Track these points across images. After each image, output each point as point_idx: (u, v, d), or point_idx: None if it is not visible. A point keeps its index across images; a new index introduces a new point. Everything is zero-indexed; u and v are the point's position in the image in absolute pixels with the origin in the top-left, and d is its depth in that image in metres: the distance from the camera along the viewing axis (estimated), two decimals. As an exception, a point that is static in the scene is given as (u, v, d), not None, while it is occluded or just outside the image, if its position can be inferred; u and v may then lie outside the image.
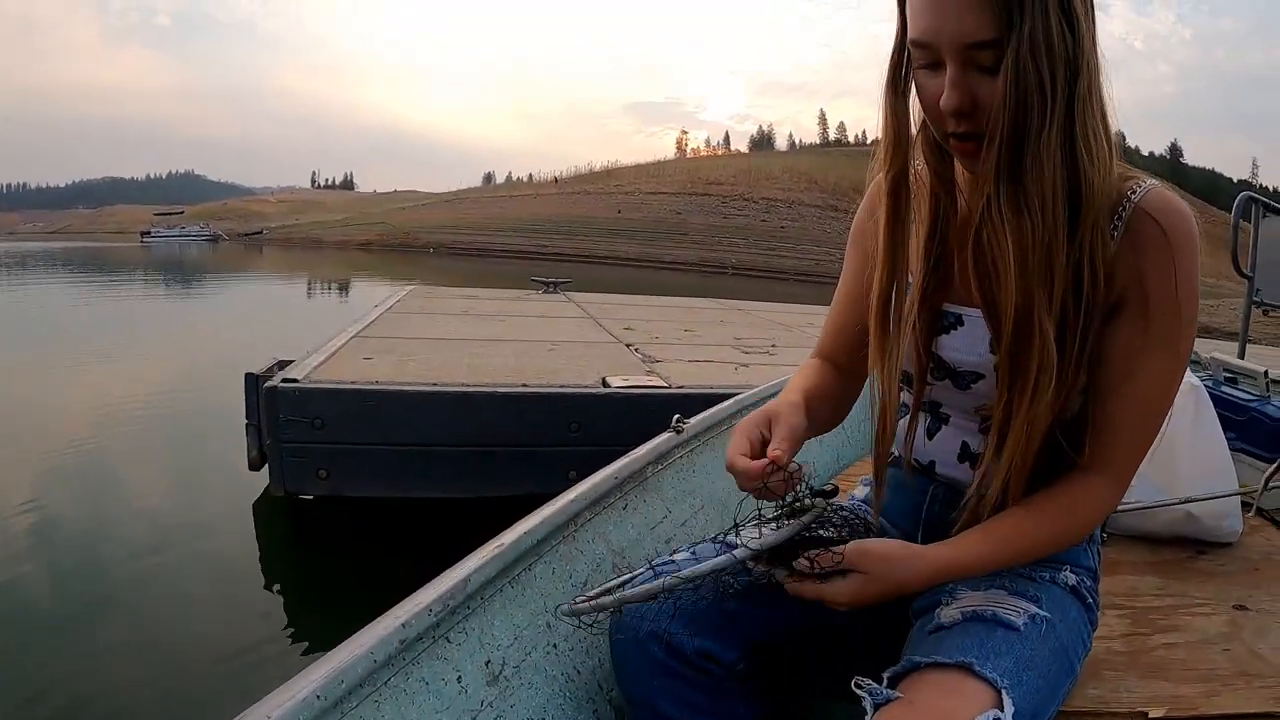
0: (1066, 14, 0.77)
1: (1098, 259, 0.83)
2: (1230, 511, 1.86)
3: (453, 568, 1.02)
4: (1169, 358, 0.87)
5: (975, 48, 0.79)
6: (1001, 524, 0.90)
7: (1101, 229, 0.83)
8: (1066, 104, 0.79)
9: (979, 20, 0.77)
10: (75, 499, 4.09)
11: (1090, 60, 0.80)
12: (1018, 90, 0.77)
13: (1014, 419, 0.86)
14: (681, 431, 1.62)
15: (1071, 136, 0.80)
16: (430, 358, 4.03)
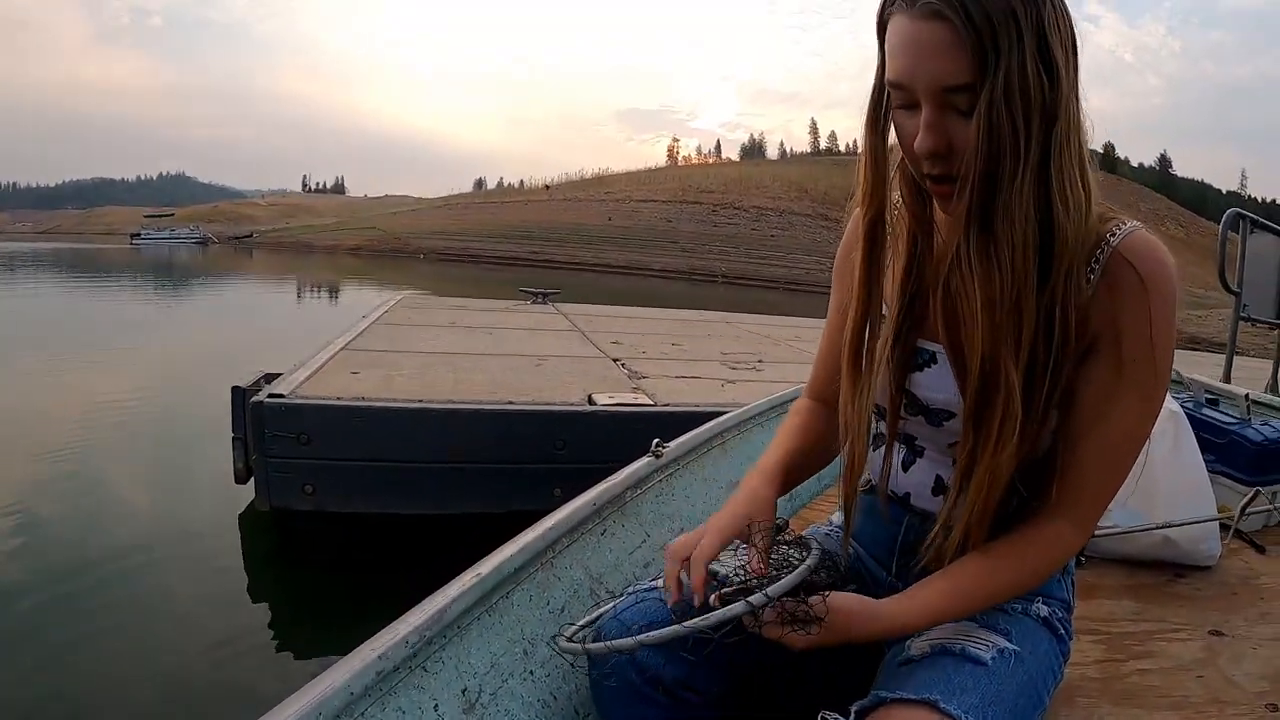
0: (1045, 60, 0.77)
1: (1069, 307, 0.83)
2: (1208, 535, 1.87)
3: (430, 597, 1.02)
4: (1140, 403, 0.87)
5: (950, 91, 0.79)
6: (961, 575, 0.90)
7: (1076, 276, 0.83)
8: (1041, 151, 0.79)
9: (954, 64, 0.77)
10: (58, 504, 4.07)
11: (1069, 106, 0.80)
12: (990, 136, 0.78)
13: (977, 466, 0.87)
14: (660, 456, 1.63)
15: (1046, 184, 0.79)
16: (417, 373, 4.03)
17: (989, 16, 0.75)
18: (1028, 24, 0.76)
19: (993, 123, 0.77)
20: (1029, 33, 0.76)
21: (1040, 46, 0.77)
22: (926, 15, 0.77)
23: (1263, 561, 1.96)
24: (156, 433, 5.65)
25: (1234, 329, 4.76)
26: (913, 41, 0.79)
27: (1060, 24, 0.78)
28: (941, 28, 0.77)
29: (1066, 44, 0.79)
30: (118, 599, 3.09)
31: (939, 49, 0.77)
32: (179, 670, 2.68)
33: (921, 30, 0.78)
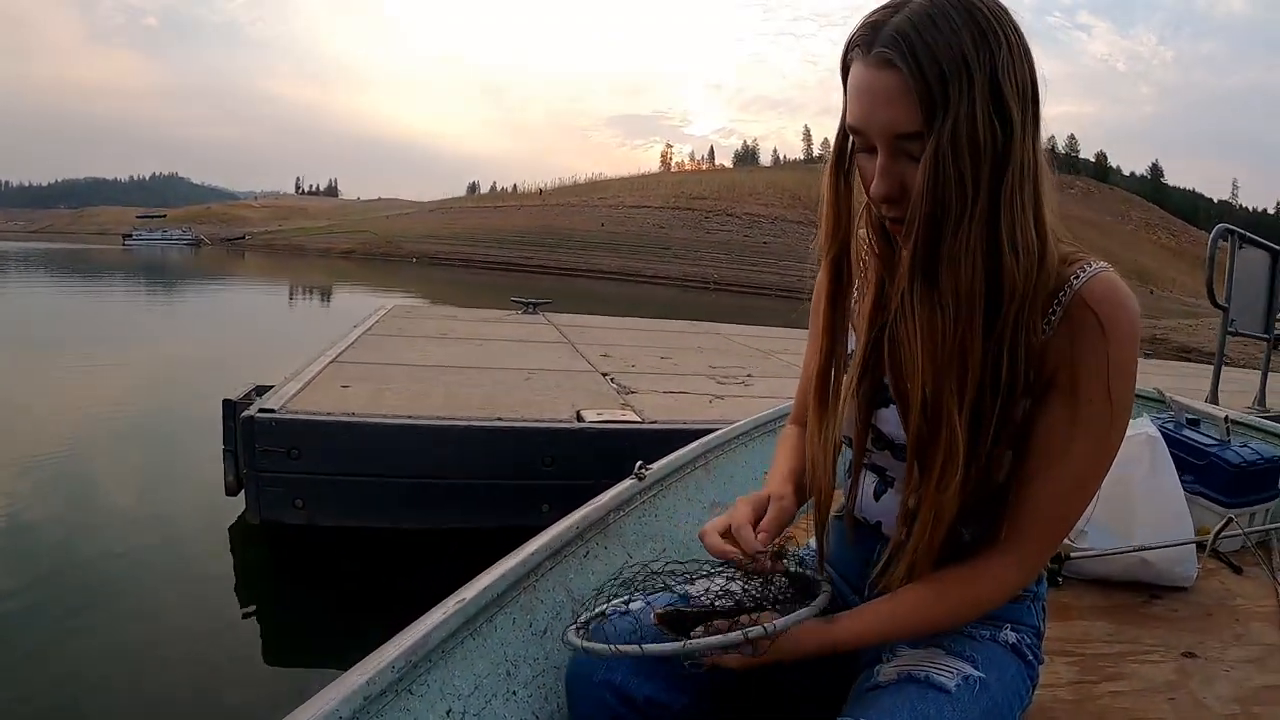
0: (998, 108, 0.79)
1: (1018, 351, 0.84)
2: (1185, 557, 1.90)
3: (415, 622, 1.05)
4: (1094, 446, 0.88)
5: (903, 138, 0.81)
6: (903, 601, 0.93)
7: (1029, 320, 0.84)
8: (990, 198, 0.80)
9: (905, 112, 0.79)
10: (42, 511, 4.07)
11: (1023, 154, 0.81)
12: (935, 183, 0.79)
13: (921, 505, 0.89)
14: (643, 478, 1.66)
15: (995, 230, 0.81)
16: (407, 387, 4.05)
17: (940, 65, 0.77)
18: (980, 72, 0.78)
19: (938, 170, 0.79)
20: (981, 80, 0.78)
21: (993, 94, 0.78)
22: (879, 63, 0.80)
23: (1239, 583, 1.99)
24: (146, 441, 5.64)
25: (1221, 343, 4.80)
26: (867, 89, 0.82)
27: (1016, 70, 0.80)
28: (893, 76, 0.79)
29: (1024, 90, 0.81)
30: (102, 611, 3.09)
31: (890, 97, 0.80)
32: (164, 684, 2.69)
33: (875, 78, 0.81)
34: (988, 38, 0.78)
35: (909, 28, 0.78)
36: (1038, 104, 0.82)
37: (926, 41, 0.77)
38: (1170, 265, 68.29)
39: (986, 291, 0.82)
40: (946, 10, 0.78)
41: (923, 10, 0.79)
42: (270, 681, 2.78)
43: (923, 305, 0.85)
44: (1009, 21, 0.80)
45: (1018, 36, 0.81)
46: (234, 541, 3.71)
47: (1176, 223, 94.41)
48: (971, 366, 0.84)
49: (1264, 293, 5.05)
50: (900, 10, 0.80)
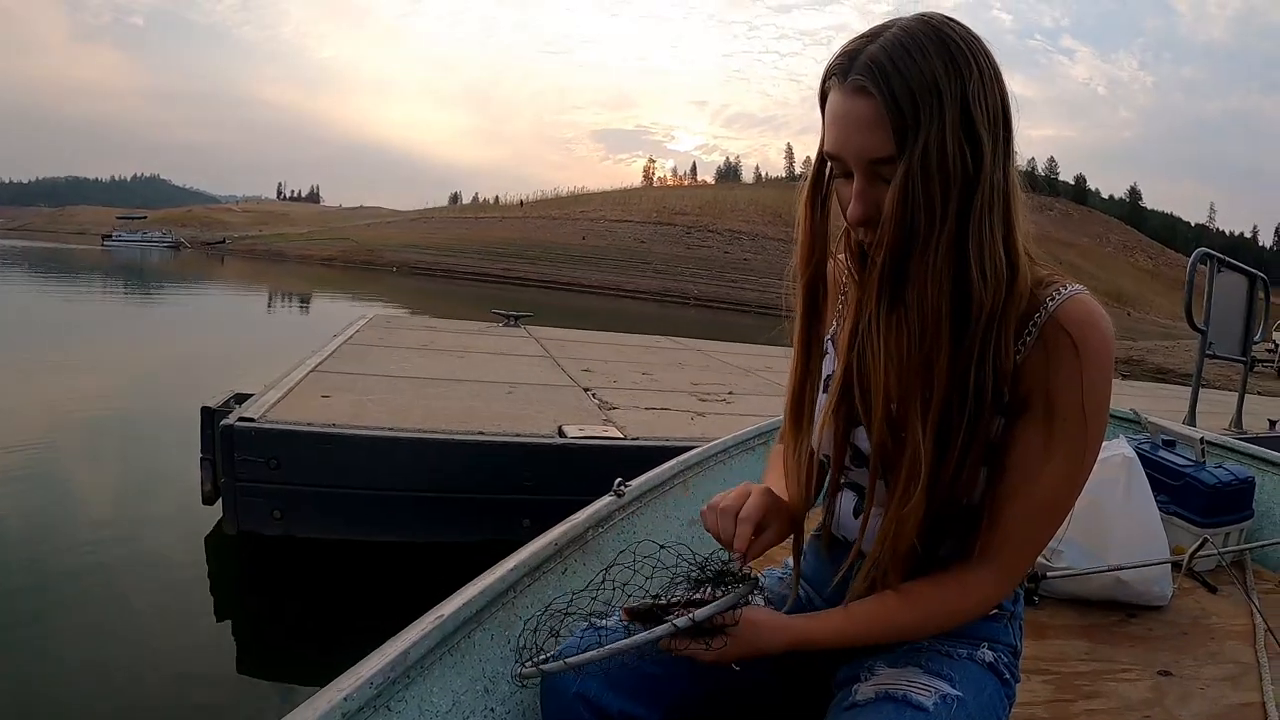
0: (969, 134, 0.81)
1: (987, 371, 0.85)
2: (1160, 577, 1.93)
3: (393, 639, 1.05)
4: (1069, 465, 0.89)
5: (877, 163, 0.83)
6: (869, 604, 0.94)
7: (997, 340, 0.85)
8: (958, 221, 0.82)
9: (877, 138, 0.82)
10: (12, 515, 4.01)
11: (994, 178, 0.83)
12: (904, 206, 0.81)
13: (882, 520, 0.91)
14: (622, 494, 1.67)
15: (963, 253, 0.83)
16: (388, 398, 4.02)
17: (911, 91, 0.80)
18: (951, 98, 0.80)
19: (907, 193, 0.81)
20: (951, 106, 0.80)
21: (964, 119, 0.81)
22: (854, 91, 0.82)
23: (1214, 601, 2.03)
24: (121, 446, 5.57)
25: (1199, 366, 4.87)
26: (842, 115, 0.84)
27: (987, 96, 0.82)
28: (866, 103, 0.81)
29: (994, 115, 0.83)
30: (72, 620, 3.05)
31: (864, 123, 0.82)
32: (134, 696, 2.64)
33: (850, 105, 0.83)
34: (959, 65, 0.81)
35: (883, 56, 0.81)
36: (1010, 129, 0.85)
37: (899, 69, 0.80)
38: (1148, 287, 69.20)
39: (954, 311, 0.84)
40: (919, 39, 0.81)
41: (896, 39, 0.81)
42: (244, 696, 2.74)
43: (888, 324, 0.87)
44: (981, 49, 0.83)
45: (989, 64, 0.83)
46: (210, 551, 3.67)
47: (1154, 246, 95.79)
48: (937, 383, 0.85)
49: (1241, 316, 5.14)
50: (875, 39, 0.83)
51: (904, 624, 0.94)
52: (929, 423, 0.86)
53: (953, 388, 0.85)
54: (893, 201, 0.82)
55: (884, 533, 0.91)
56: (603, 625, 1.00)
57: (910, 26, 0.82)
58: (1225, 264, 4.87)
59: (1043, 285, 0.89)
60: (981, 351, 0.85)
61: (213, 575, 3.51)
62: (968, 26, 0.84)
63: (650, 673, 0.99)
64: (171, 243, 73.20)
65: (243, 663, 2.90)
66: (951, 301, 0.84)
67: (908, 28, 0.82)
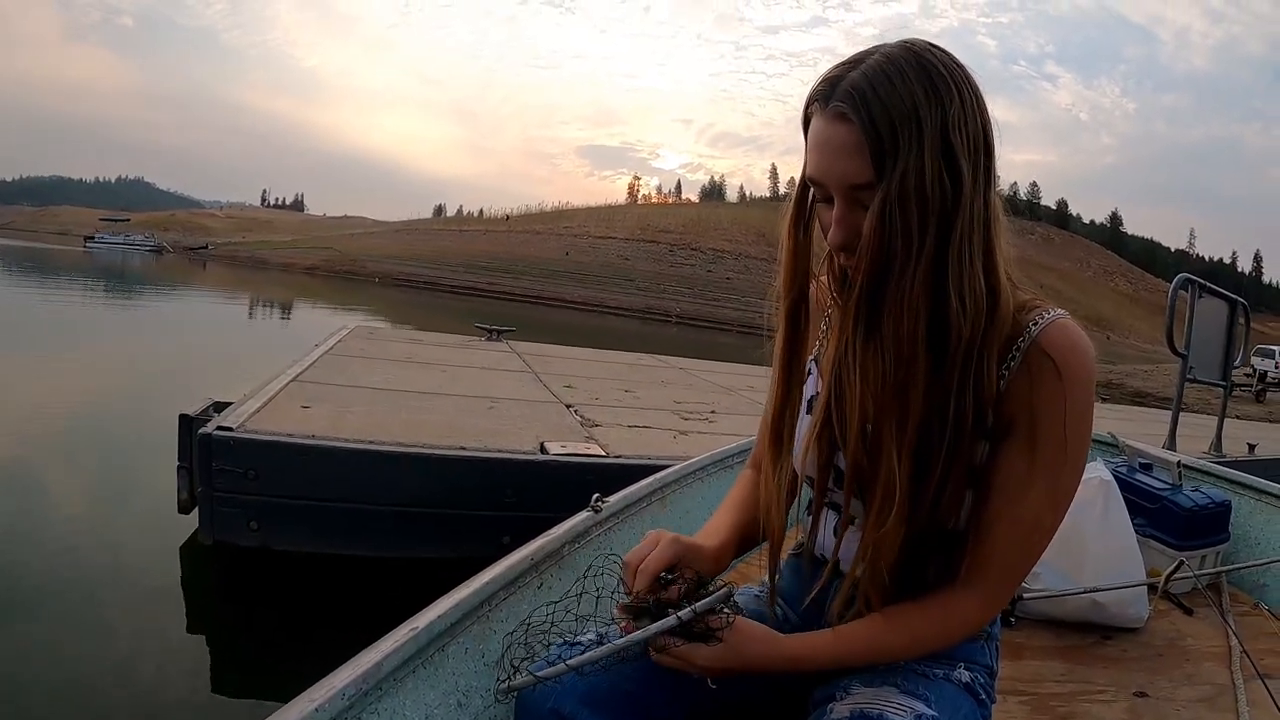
0: (948, 161, 0.81)
1: (967, 397, 0.86)
2: (1136, 599, 1.95)
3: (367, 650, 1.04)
4: (1053, 489, 0.89)
5: (857, 189, 0.84)
6: (858, 628, 0.94)
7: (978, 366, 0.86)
8: (937, 248, 0.82)
9: (858, 163, 0.82)
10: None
11: (973, 205, 0.83)
12: (882, 232, 0.82)
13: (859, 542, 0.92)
14: (600, 510, 1.67)
15: (942, 279, 0.83)
16: (368, 410, 3.99)
17: (890, 118, 0.80)
18: (930, 125, 0.80)
19: (885, 219, 0.81)
20: (931, 133, 0.80)
21: (943, 146, 0.81)
22: (835, 117, 0.83)
23: (1189, 623, 2.04)
24: (97, 450, 5.50)
25: (1179, 391, 4.92)
26: (824, 142, 0.84)
27: (968, 123, 0.82)
28: (847, 129, 0.82)
29: (975, 143, 0.83)
30: (42, 629, 3.00)
31: (844, 149, 0.83)
32: (104, 708, 2.60)
33: (831, 131, 0.83)
34: (939, 92, 0.81)
35: (864, 83, 0.81)
36: (991, 156, 0.85)
37: (879, 96, 0.80)
38: (1128, 312, 69.99)
39: (932, 338, 0.84)
40: (901, 66, 0.81)
41: (878, 66, 0.82)
42: (216, 707, 2.70)
43: (864, 349, 0.87)
44: (962, 76, 0.83)
45: (971, 91, 0.83)
46: (184, 560, 3.62)
47: (1135, 270, 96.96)
48: (913, 409, 0.85)
49: (1221, 341, 5.20)
50: (857, 66, 0.83)
51: (893, 647, 0.94)
52: (904, 447, 0.86)
53: (930, 413, 0.86)
54: (870, 228, 0.82)
55: (860, 556, 0.92)
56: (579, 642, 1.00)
57: (892, 53, 0.83)
58: (1206, 289, 4.93)
59: (1025, 310, 0.89)
60: (961, 378, 0.85)
61: (186, 585, 3.47)
62: (950, 53, 0.84)
63: (627, 690, 0.98)
64: (154, 247, 72.91)
65: (216, 675, 2.87)
66: (929, 328, 0.84)
67: (890, 55, 0.83)
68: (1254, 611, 2.19)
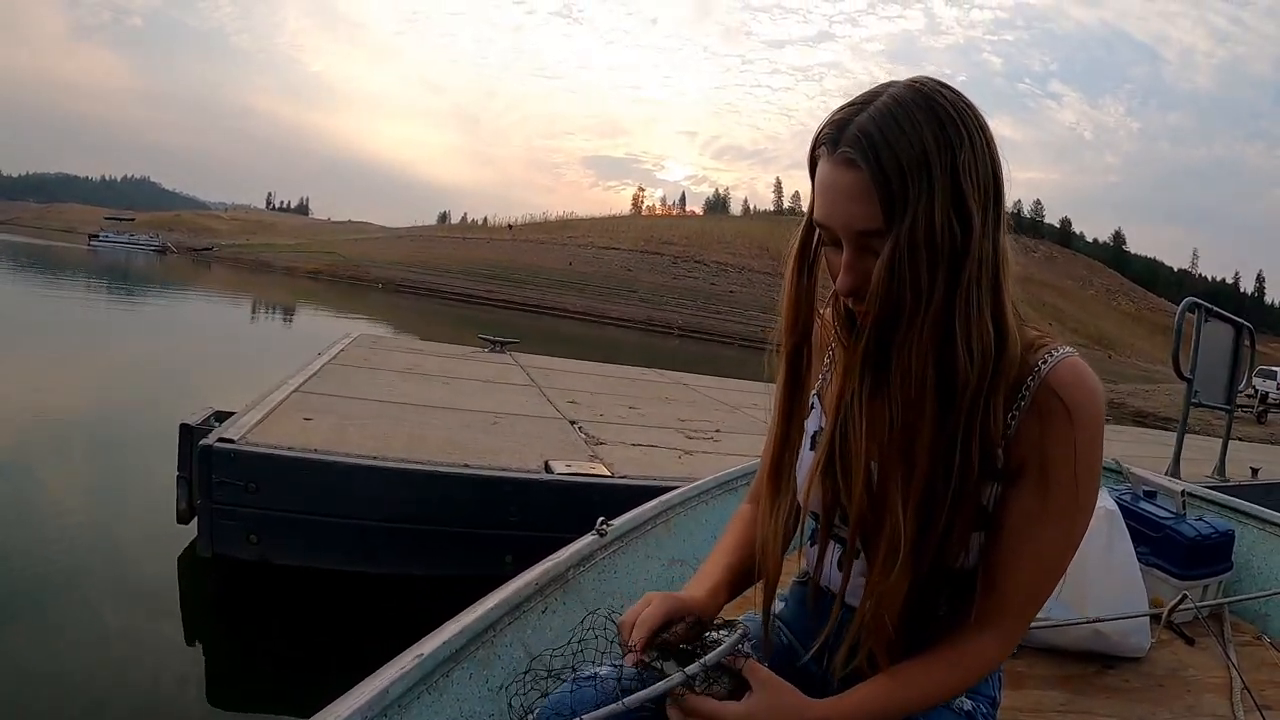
0: (958, 206, 0.80)
1: (973, 443, 0.84)
2: (1138, 628, 1.93)
3: (373, 675, 1.04)
4: (1064, 528, 0.89)
5: (866, 235, 0.82)
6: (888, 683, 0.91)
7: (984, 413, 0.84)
8: (945, 294, 0.81)
9: (867, 210, 0.81)
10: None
11: (982, 250, 0.82)
12: (891, 281, 0.81)
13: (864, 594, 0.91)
14: (605, 534, 1.66)
15: (949, 327, 0.82)
16: (371, 424, 3.97)
17: (900, 165, 0.78)
18: (940, 170, 0.79)
19: (894, 269, 0.80)
20: (941, 179, 0.79)
21: (953, 192, 0.79)
22: (843, 162, 0.82)
23: (1191, 654, 2.03)
24: (97, 455, 5.49)
25: (1185, 415, 4.88)
26: (832, 187, 0.83)
27: (978, 167, 0.81)
28: (856, 175, 0.81)
29: (985, 186, 0.82)
30: (37, 637, 2.98)
31: (853, 196, 0.81)
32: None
33: (839, 176, 0.82)
34: (949, 136, 0.80)
35: (872, 127, 0.80)
36: (1000, 198, 0.84)
37: (889, 141, 0.79)
38: (1129, 331, 69.94)
39: (939, 386, 0.83)
40: (910, 109, 0.80)
41: (886, 109, 0.80)
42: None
43: (871, 399, 0.87)
44: (972, 118, 0.82)
45: (981, 132, 0.82)
46: (182, 572, 3.60)
47: (1137, 290, 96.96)
48: (919, 459, 0.84)
49: (1227, 365, 5.17)
50: (865, 109, 0.82)
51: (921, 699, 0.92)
52: (910, 498, 0.85)
53: (936, 461, 0.84)
54: (879, 278, 0.81)
55: (865, 605, 0.90)
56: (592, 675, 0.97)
57: (901, 95, 0.81)
58: (1213, 313, 4.91)
59: (1033, 349, 0.88)
60: (968, 424, 0.84)
61: (184, 596, 3.45)
62: (959, 93, 0.83)
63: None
64: (158, 247, 73.09)
65: (213, 690, 2.85)
66: (936, 377, 0.83)
67: (898, 96, 0.81)
68: (1256, 642, 2.18)
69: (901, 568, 0.86)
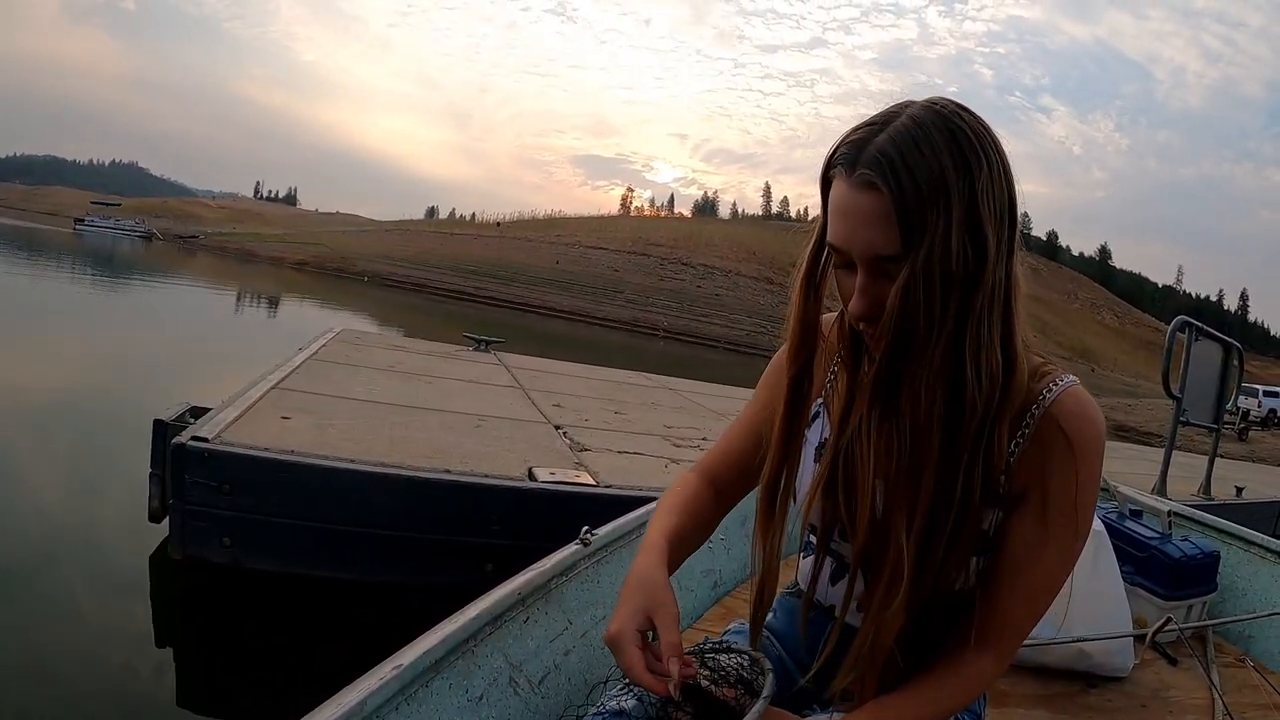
0: (974, 232, 0.79)
1: (975, 472, 0.85)
2: (1122, 648, 1.95)
3: (349, 688, 1.01)
4: (1061, 555, 0.90)
5: (883, 259, 0.81)
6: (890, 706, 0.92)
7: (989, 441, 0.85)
8: (958, 322, 0.81)
9: (885, 235, 0.80)
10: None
11: (995, 275, 0.81)
12: (904, 308, 0.80)
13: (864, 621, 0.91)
14: (588, 543, 1.64)
15: (960, 355, 0.82)
16: (351, 424, 3.88)
17: (919, 189, 0.78)
18: (959, 196, 0.78)
19: (908, 296, 0.80)
20: (959, 204, 0.78)
21: (969, 217, 0.79)
22: (862, 185, 0.80)
23: (1174, 674, 2.05)
24: (68, 445, 5.40)
25: (1172, 434, 4.91)
26: (849, 210, 0.82)
27: (995, 191, 0.81)
28: (875, 199, 0.79)
29: (1001, 212, 0.81)
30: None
31: (872, 219, 0.80)
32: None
33: (857, 199, 0.81)
34: (968, 160, 0.79)
35: (891, 149, 0.78)
36: (1015, 222, 0.83)
37: (908, 164, 0.78)
38: (1113, 345, 70.68)
39: (946, 414, 0.83)
40: (929, 131, 0.79)
41: (905, 130, 0.79)
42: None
43: (879, 429, 0.87)
44: (990, 141, 0.81)
45: (999, 157, 0.81)
46: (153, 573, 3.51)
47: (1121, 304, 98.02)
48: (924, 488, 0.84)
49: (1215, 384, 5.21)
50: (883, 129, 0.80)
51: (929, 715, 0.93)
52: (914, 528, 0.85)
53: (940, 487, 0.84)
54: (893, 306, 0.80)
55: (864, 634, 0.90)
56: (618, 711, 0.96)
57: (919, 116, 0.80)
58: (1204, 333, 4.94)
59: (1037, 377, 0.89)
60: (973, 451, 0.84)
61: (155, 597, 3.36)
62: (977, 116, 0.82)
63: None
64: (144, 233, 72.87)
65: (183, 696, 2.78)
66: (945, 405, 0.82)
67: (917, 118, 0.80)
68: (1239, 664, 2.20)
69: (904, 591, 0.86)
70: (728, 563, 2.22)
